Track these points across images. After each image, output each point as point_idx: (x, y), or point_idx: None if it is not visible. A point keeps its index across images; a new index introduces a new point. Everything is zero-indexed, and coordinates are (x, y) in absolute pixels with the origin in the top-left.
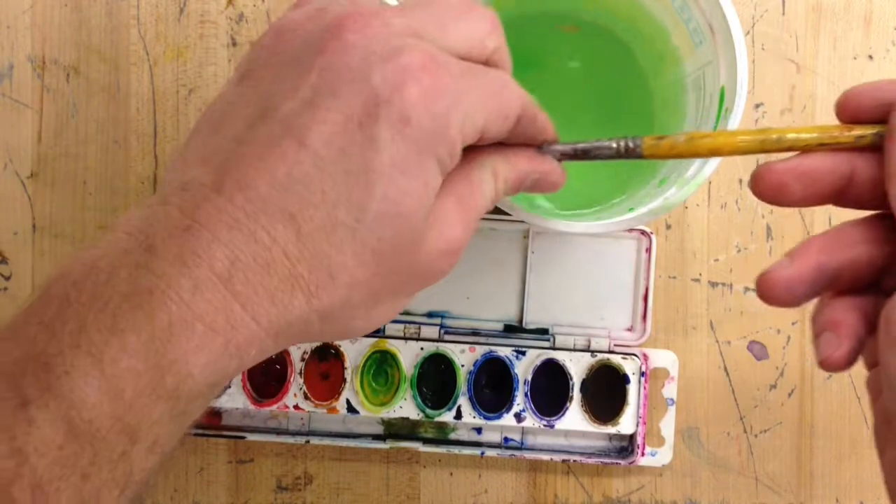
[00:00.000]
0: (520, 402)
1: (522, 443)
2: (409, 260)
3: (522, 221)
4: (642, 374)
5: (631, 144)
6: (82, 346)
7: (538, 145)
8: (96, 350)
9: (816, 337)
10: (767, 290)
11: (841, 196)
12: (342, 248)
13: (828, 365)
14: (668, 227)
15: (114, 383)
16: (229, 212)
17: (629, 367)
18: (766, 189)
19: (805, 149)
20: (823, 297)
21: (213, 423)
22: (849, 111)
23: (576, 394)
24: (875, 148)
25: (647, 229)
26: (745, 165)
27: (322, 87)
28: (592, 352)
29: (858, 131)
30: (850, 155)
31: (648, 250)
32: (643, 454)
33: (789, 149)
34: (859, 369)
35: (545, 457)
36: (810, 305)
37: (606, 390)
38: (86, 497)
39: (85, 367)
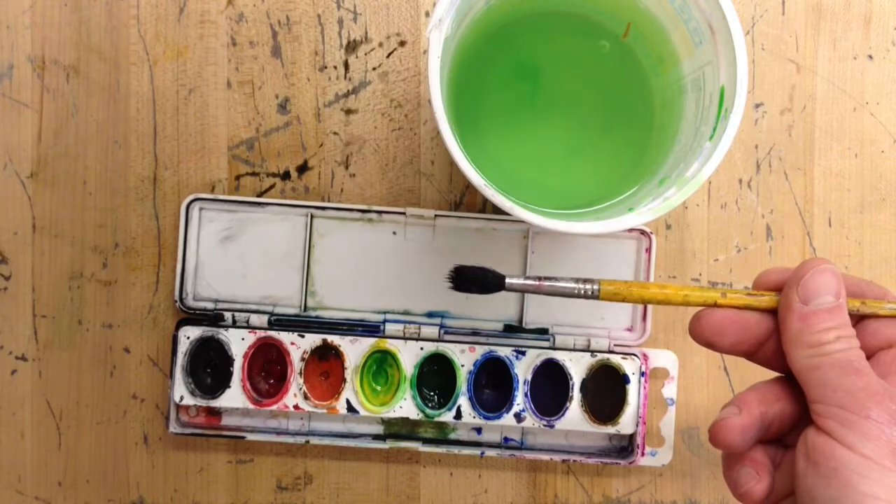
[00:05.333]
0: (520, 402)
1: (522, 443)
2: None
3: (522, 221)
4: (642, 374)
5: (589, 288)
6: None
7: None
8: None
9: (733, 471)
10: (723, 435)
11: (758, 350)
12: None
13: (748, 497)
14: (668, 227)
15: None
16: None
17: (629, 367)
18: (706, 331)
19: (733, 306)
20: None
21: (213, 423)
22: (761, 286)
23: (576, 394)
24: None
25: (647, 229)
26: (745, 166)
27: None
28: (592, 352)
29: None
30: (770, 316)
31: (648, 250)
32: (643, 454)
33: (717, 305)
34: None
35: (545, 457)
36: None
37: (606, 390)
38: None
39: None
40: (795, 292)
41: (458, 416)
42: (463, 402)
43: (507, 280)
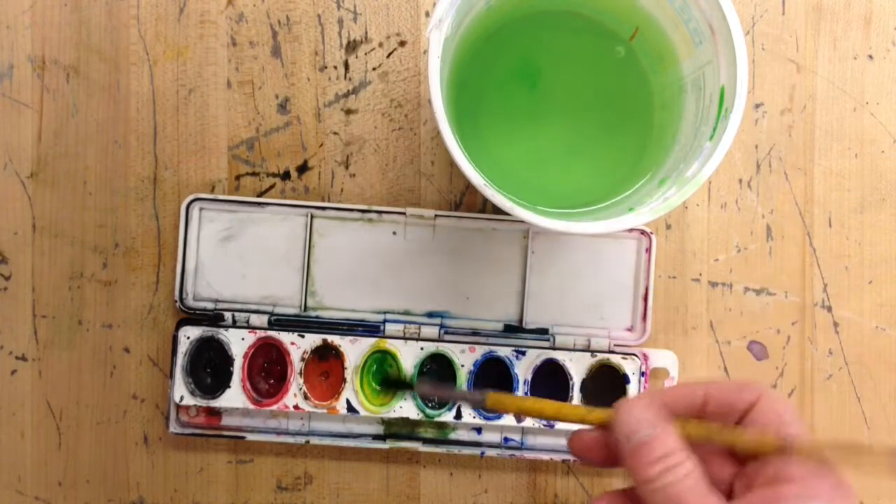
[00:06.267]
0: None
1: (522, 443)
2: None
3: (522, 221)
4: (642, 374)
5: (479, 397)
6: None
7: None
8: None
9: None
10: None
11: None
12: None
13: None
14: (668, 227)
15: None
16: None
17: (629, 367)
18: (574, 449)
19: (597, 420)
20: None
21: (213, 423)
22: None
23: (576, 394)
24: None
25: (647, 229)
26: (745, 166)
27: None
28: (592, 352)
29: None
30: None
31: (648, 250)
32: None
33: (583, 420)
34: (861, 362)
35: (545, 457)
36: (810, 308)
37: (606, 390)
38: None
39: None
40: (618, 431)
41: (458, 415)
42: None
43: (417, 386)
